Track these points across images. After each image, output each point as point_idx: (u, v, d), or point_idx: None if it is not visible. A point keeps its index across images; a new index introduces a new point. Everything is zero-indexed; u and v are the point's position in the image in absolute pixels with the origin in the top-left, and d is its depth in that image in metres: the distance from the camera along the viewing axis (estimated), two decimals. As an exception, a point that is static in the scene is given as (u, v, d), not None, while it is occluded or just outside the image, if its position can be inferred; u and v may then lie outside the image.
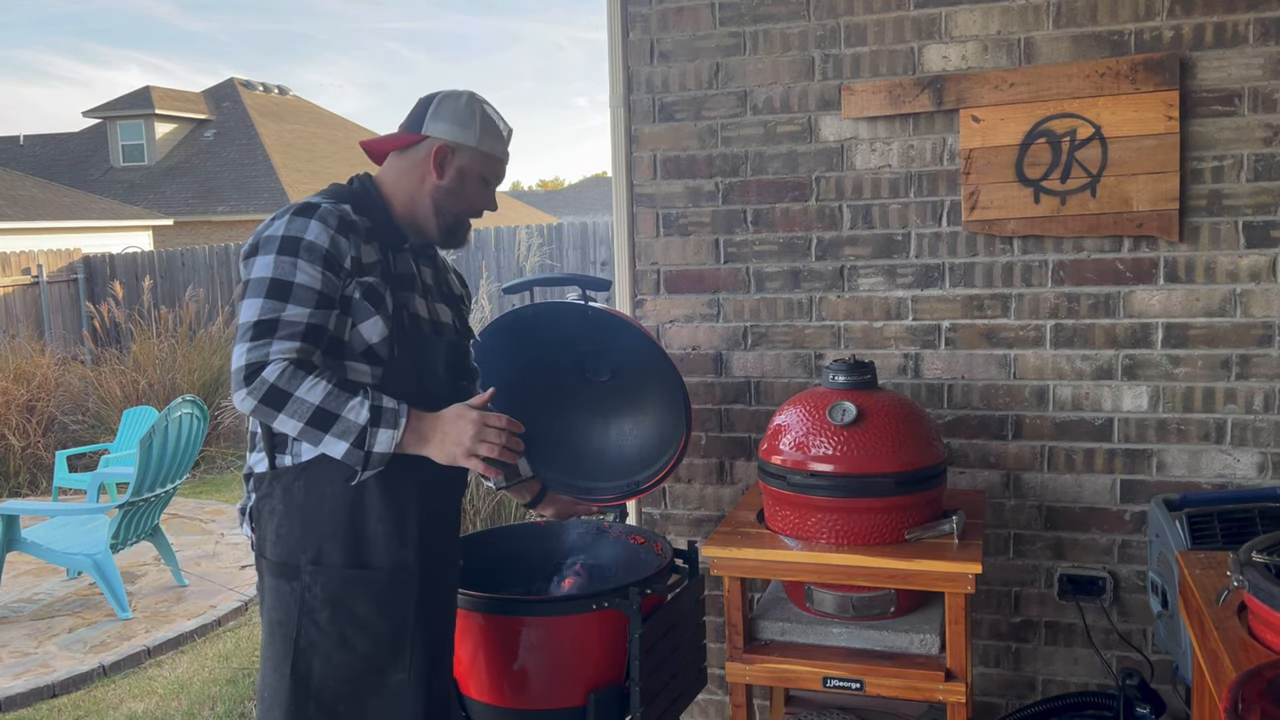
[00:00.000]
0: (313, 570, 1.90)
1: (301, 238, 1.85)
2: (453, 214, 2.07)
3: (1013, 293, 2.79)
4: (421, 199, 2.04)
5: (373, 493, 1.92)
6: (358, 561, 1.92)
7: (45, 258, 12.70)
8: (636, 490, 2.71)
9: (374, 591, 1.93)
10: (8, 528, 4.97)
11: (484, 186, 2.09)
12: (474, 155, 2.05)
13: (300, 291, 1.84)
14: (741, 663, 2.39)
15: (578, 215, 27.60)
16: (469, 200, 2.07)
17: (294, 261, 1.84)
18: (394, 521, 1.94)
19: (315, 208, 1.90)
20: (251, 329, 1.82)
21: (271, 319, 1.82)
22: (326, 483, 1.90)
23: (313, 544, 1.90)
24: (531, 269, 9.72)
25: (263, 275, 1.84)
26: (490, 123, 2.07)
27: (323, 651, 1.90)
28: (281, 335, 1.82)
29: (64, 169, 23.57)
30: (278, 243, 1.86)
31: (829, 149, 2.89)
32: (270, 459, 1.93)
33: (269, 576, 1.94)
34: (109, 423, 8.29)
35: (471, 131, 2.04)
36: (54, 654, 4.55)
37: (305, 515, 1.91)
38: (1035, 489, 2.83)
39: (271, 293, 1.83)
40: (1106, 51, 2.65)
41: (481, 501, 5.03)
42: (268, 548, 1.93)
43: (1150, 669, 2.74)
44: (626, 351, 2.67)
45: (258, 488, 1.95)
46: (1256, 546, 1.75)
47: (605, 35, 3.06)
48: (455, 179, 2.04)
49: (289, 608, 1.90)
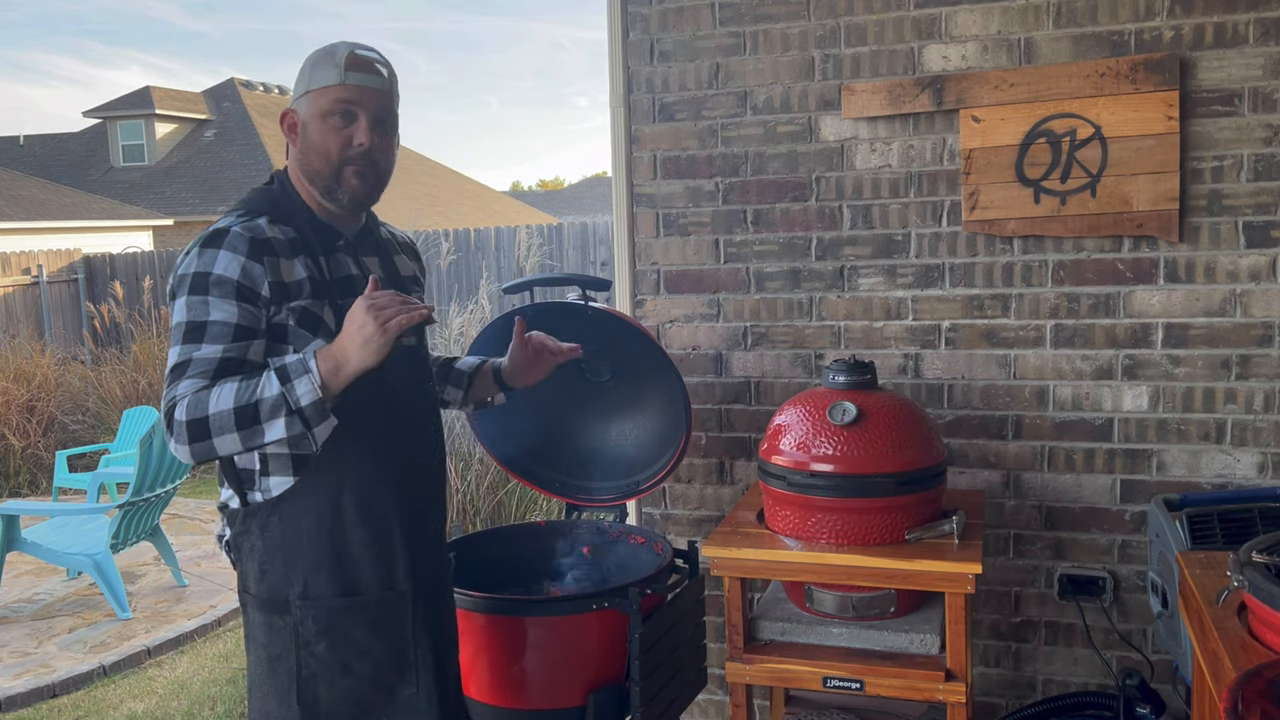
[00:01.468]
0: (302, 604, 1.85)
1: (210, 273, 1.76)
2: (322, 174, 1.86)
3: (1013, 293, 2.79)
4: (300, 177, 1.90)
5: (351, 517, 1.86)
6: (346, 589, 1.87)
7: (45, 258, 12.70)
8: (636, 490, 2.71)
9: (368, 616, 1.88)
10: (8, 528, 4.97)
11: (331, 125, 1.84)
12: (306, 100, 1.86)
13: (215, 329, 1.75)
14: (741, 663, 2.39)
15: (578, 215, 27.60)
16: (321, 145, 1.85)
17: (205, 300, 1.75)
18: (377, 543, 1.89)
19: (223, 235, 1.78)
20: (168, 376, 1.77)
21: (183, 362, 1.75)
22: (302, 515, 1.84)
23: (298, 578, 1.85)
24: (531, 269, 9.73)
25: (180, 320, 1.77)
26: (321, 56, 1.87)
27: (326, 680, 1.86)
28: (190, 375, 1.73)
29: (64, 169, 23.57)
30: (189, 282, 1.77)
31: (829, 149, 2.89)
32: (241, 496, 1.87)
33: (257, 612, 1.88)
34: (109, 423, 8.29)
35: (303, 80, 1.87)
36: (54, 654, 4.55)
37: (286, 550, 1.85)
38: (1035, 489, 2.83)
39: (187, 337, 1.76)
40: (1106, 51, 2.65)
41: (481, 501, 5.04)
42: (252, 584, 1.88)
43: (1150, 669, 2.74)
44: (626, 351, 2.67)
45: (233, 523, 1.89)
46: (1256, 546, 1.75)
47: (605, 35, 3.07)
48: (301, 136, 1.87)
49: (285, 643, 1.86)
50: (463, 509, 4.98)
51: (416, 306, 1.72)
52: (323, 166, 1.86)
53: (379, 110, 1.88)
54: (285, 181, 1.92)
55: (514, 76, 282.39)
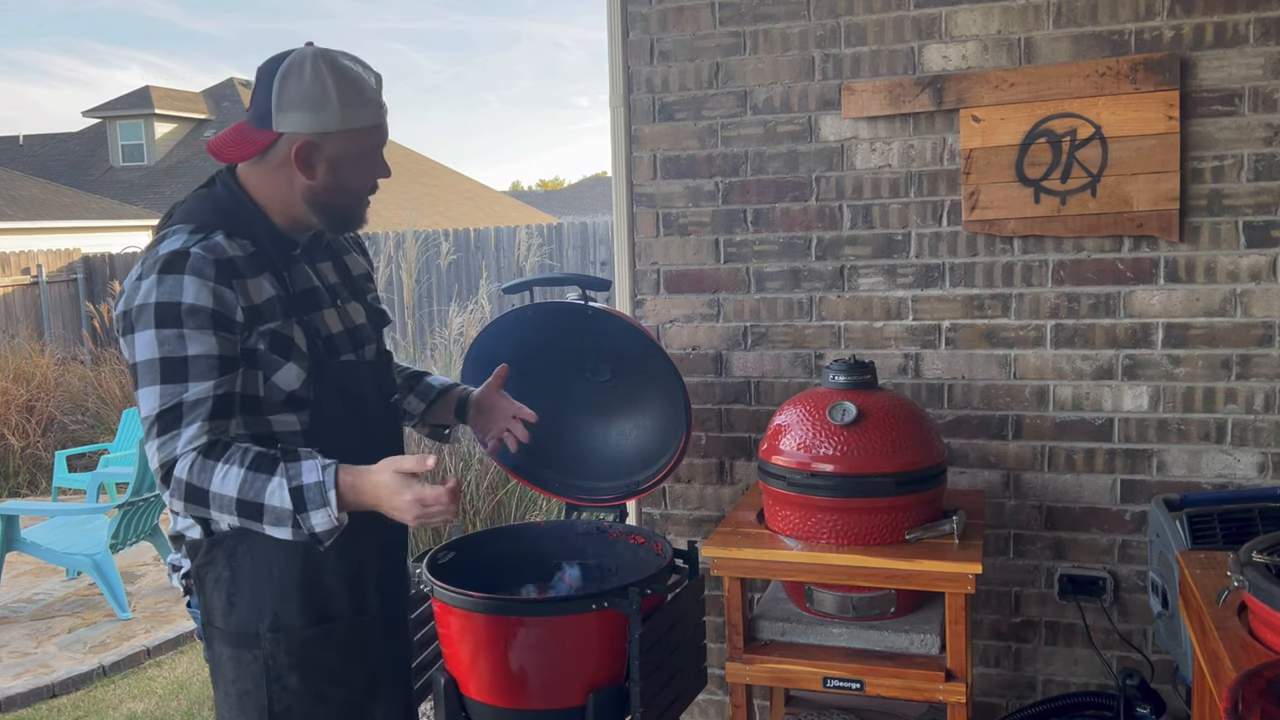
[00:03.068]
0: (273, 637, 1.76)
1: (180, 303, 1.61)
2: (342, 208, 1.80)
3: (1013, 293, 2.79)
4: (295, 201, 1.76)
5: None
6: (318, 619, 1.79)
7: (45, 258, 12.71)
8: (636, 490, 2.71)
9: (340, 644, 1.83)
10: (7, 528, 4.97)
11: (366, 161, 1.79)
12: (341, 139, 1.72)
13: (198, 365, 1.62)
14: (741, 663, 2.39)
15: (578, 215, 27.60)
16: (354, 185, 1.78)
17: (179, 333, 1.61)
18: (351, 569, 1.83)
19: (183, 259, 1.63)
20: (156, 423, 1.62)
21: (173, 406, 1.61)
22: (272, 544, 1.72)
23: (268, 610, 1.76)
24: (531, 269, 9.73)
25: (150, 357, 1.62)
26: (348, 90, 1.72)
27: (299, 712, 1.79)
28: (187, 422, 1.61)
29: (64, 169, 23.57)
30: (152, 313, 1.62)
31: (829, 149, 2.89)
32: (204, 525, 1.76)
33: (224, 646, 1.79)
34: (109, 423, 8.29)
35: (330, 112, 1.70)
36: (54, 654, 4.55)
37: (255, 581, 1.75)
38: (1035, 489, 2.83)
39: (166, 376, 1.61)
40: (1107, 51, 2.65)
41: (481, 501, 5.03)
42: (217, 617, 1.78)
43: (1150, 669, 2.74)
44: (626, 351, 2.67)
45: (193, 554, 1.78)
46: (1256, 546, 1.75)
47: (605, 35, 3.06)
48: (329, 174, 1.74)
49: (255, 677, 1.77)
50: (463, 509, 4.98)
51: (452, 510, 1.68)
52: (348, 202, 1.80)
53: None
54: (233, 186, 1.77)
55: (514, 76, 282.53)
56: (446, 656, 2.29)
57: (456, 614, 2.18)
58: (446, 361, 5.89)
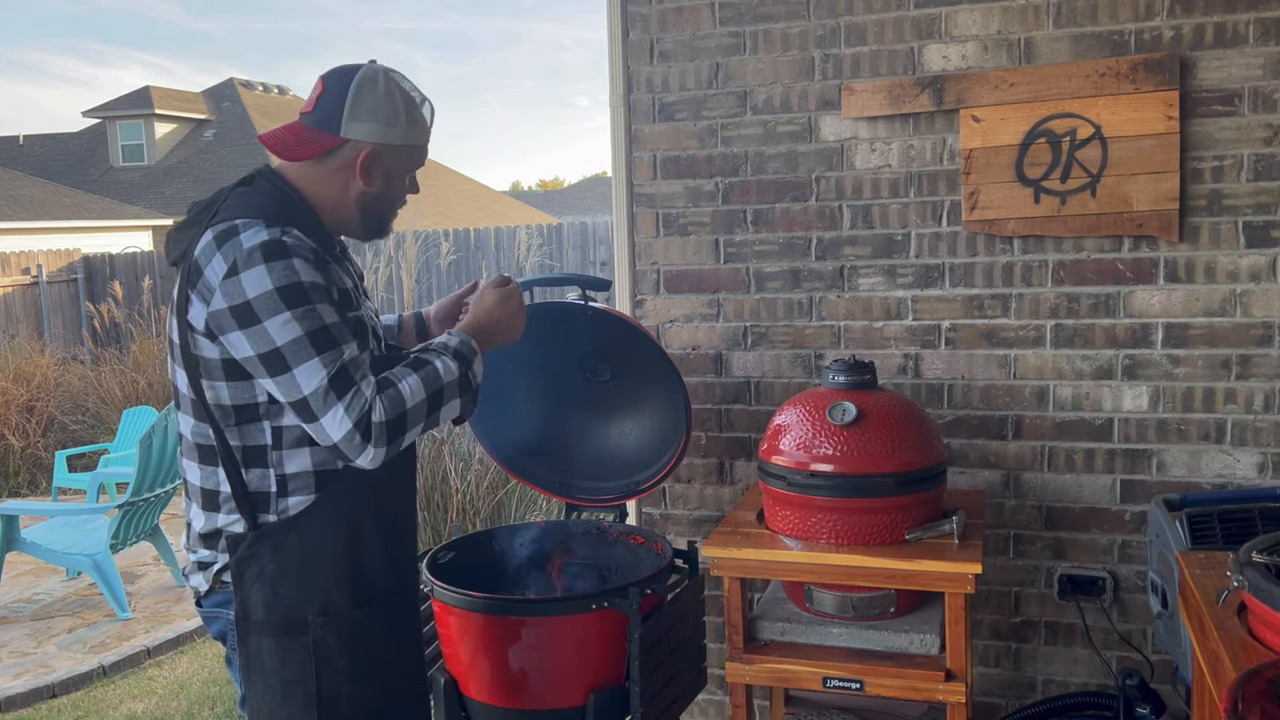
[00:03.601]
0: (323, 621, 1.80)
1: (300, 282, 1.70)
2: (379, 215, 1.93)
3: (1013, 293, 2.79)
4: (347, 205, 1.87)
5: (369, 527, 1.85)
6: (365, 599, 1.85)
7: (45, 258, 12.71)
8: (636, 490, 2.71)
9: (381, 624, 1.89)
10: (8, 528, 4.97)
11: (410, 178, 1.95)
12: (401, 153, 1.88)
13: (338, 330, 1.72)
14: (741, 663, 2.39)
15: (578, 215, 27.60)
16: (397, 198, 1.93)
17: (310, 309, 1.69)
18: (393, 549, 1.90)
19: (282, 245, 1.71)
20: (330, 390, 1.68)
21: (340, 370, 1.69)
22: (324, 530, 1.80)
23: (317, 595, 1.80)
24: (531, 269, 9.73)
25: (294, 336, 1.68)
26: (414, 110, 1.88)
27: (347, 693, 1.83)
28: (359, 377, 1.71)
29: (64, 169, 23.56)
30: (278, 298, 1.68)
31: (829, 149, 2.89)
32: (251, 519, 1.79)
33: (265, 637, 1.80)
34: (109, 423, 8.29)
35: (398, 128, 1.85)
36: (54, 654, 4.55)
37: (303, 569, 1.79)
38: (1035, 489, 2.83)
39: (319, 347, 1.69)
40: (1106, 51, 2.65)
41: (481, 501, 5.04)
42: (257, 609, 1.79)
43: (1150, 669, 2.74)
44: (626, 351, 2.67)
45: (234, 548, 1.79)
46: (1256, 546, 1.75)
47: (605, 35, 3.06)
48: (384, 183, 1.88)
49: (302, 664, 1.80)
50: (463, 509, 4.98)
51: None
52: (386, 212, 1.93)
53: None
54: (281, 185, 1.83)
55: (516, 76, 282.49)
56: (446, 656, 2.29)
57: (456, 614, 2.18)
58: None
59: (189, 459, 1.85)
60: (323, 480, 1.80)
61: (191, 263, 1.74)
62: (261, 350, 1.69)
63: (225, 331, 1.70)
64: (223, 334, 1.71)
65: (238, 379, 1.75)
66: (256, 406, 1.77)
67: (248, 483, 1.79)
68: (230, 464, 1.78)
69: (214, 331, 1.72)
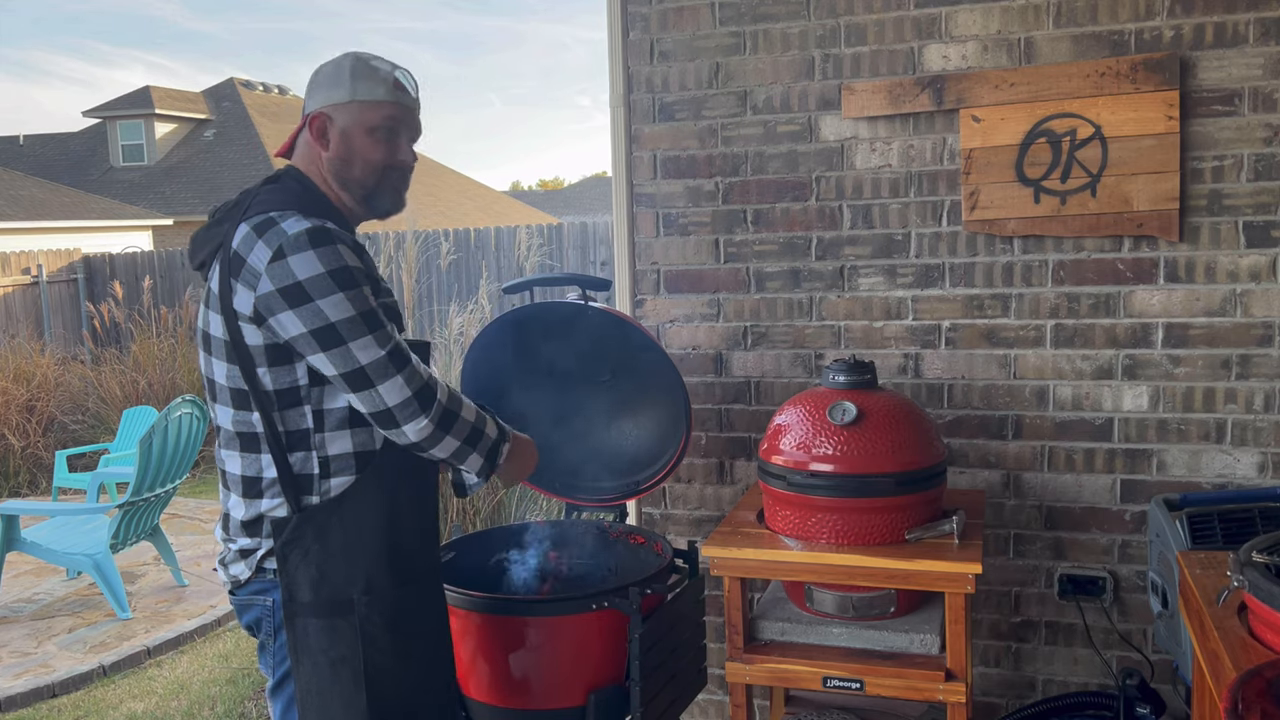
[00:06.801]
0: (367, 600, 1.85)
1: (347, 266, 1.76)
2: (364, 182, 1.91)
3: (1013, 293, 2.79)
4: (328, 179, 1.90)
5: (405, 506, 1.90)
6: (406, 578, 1.90)
7: (45, 258, 12.70)
8: (636, 490, 2.71)
9: (420, 601, 1.94)
10: (8, 528, 4.97)
11: (379, 138, 1.89)
12: (350, 110, 1.87)
13: (382, 315, 1.80)
14: (741, 663, 2.39)
15: (578, 215, 27.60)
16: (368, 157, 1.89)
17: (360, 291, 1.77)
18: (426, 527, 1.96)
19: (326, 232, 1.77)
20: (389, 363, 1.76)
21: (395, 346, 1.78)
22: (365, 511, 1.85)
23: (360, 575, 1.84)
24: (531, 269, 9.73)
25: (349, 314, 1.74)
26: (364, 69, 1.89)
27: (391, 671, 1.87)
28: (414, 358, 1.81)
29: (64, 169, 23.56)
30: (331, 279, 1.74)
31: (829, 149, 2.89)
32: (295, 503, 1.83)
33: (312, 618, 1.84)
34: (109, 423, 8.29)
35: (342, 88, 1.88)
36: (54, 654, 4.55)
37: (348, 549, 1.84)
38: (1035, 489, 2.83)
39: (372, 325, 1.76)
40: (1106, 51, 2.65)
41: (481, 502, 5.04)
42: (304, 591, 1.83)
43: (1150, 669, 2.74)
44: (626, 351, 2.67)
45: (278, 533, 1.83)
46: (1256, 546, 1.75)
47: (605, 35, 3.06)
48: (340, 144, 1.88)
49: (350, 643, 1.84)
50: (463, 509, 4.98)
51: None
52: (365, 175, 1.91)
53: (416, 129, 1.98)
54: (306, 181, 1.90)
55: (517, 76, 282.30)
56: (446, 656, 2.29)
57: (456, 614, 2.19)
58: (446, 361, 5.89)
59: (228, 449, 1.88)
60: (362, 461, 1.85)
61: (231, 254, 1.79)
62: (315, 326, 1.74)
63: (275, 313, 1.75)
64: (271, 315, 1.75)
65: (280, 364, 1.80)
66: (297, 390, 1.81)
67: (292, 465, 1.83)
68: (277, 448, 1.82)
69: (262, 314, 1.76)
